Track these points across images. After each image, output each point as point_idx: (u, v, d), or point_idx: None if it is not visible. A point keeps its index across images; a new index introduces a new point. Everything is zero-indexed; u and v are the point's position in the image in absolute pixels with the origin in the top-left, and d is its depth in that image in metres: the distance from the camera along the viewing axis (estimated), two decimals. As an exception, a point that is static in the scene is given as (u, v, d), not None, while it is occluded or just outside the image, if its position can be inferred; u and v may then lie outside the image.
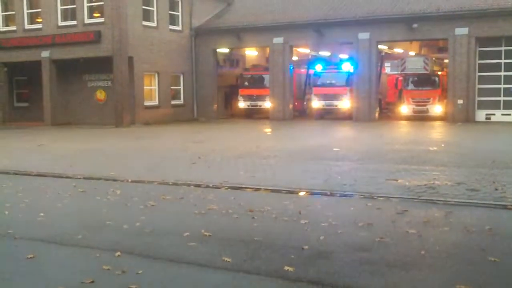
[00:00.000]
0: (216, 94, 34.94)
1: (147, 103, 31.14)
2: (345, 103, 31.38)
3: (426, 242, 6.79)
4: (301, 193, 10.28)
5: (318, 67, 32.82)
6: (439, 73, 31.14)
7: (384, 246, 6.66)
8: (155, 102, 32.02)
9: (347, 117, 30.84)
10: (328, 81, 32.13)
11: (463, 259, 6.20)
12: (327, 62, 34.49)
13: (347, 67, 31.77)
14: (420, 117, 29.60)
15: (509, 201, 8.98)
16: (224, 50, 35.73)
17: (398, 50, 36.75)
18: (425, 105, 30.00)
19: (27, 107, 34.57)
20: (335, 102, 31.63)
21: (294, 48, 33.49)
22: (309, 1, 33.04)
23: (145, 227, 7.72)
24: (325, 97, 31.80)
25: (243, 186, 10.99)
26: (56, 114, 31.50)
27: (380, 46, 31.56)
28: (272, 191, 10.52)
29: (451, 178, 11.33)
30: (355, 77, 30.45)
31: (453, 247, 6.70)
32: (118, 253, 6.51)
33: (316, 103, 32.35)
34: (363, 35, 29.71)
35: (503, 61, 27.75)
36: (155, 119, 30.66)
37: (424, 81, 30.53)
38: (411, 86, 30.72)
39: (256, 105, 33.85)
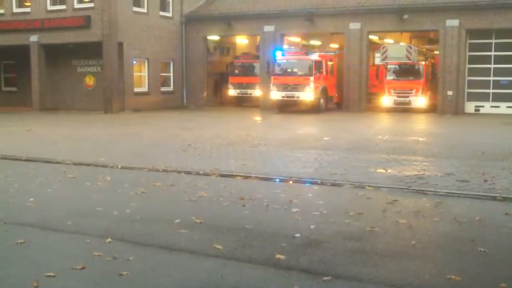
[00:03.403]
0: (206, 82, 34.79)
1: (136, 89, 30.97)
2: (308, 95, 27.80)
3: (417, 232, 6.82)
4: (292, 182, 10.29)
5: (278, 54, 29.08)
6: (423, 63, 29.43)
7: (375, 236, 6.69)
8: (145, 88, 31.86)
9: (315, 110, 27.92)
10: (289, 70, 28.83)
11: (453, 249, 6.23)
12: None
13: (312, 53, 29.38)
14: (403, 109, 28.23)
15: (498, 193, 9.02)
16: (214, 37, 35.60)
17: (388, 41, 36.72)
18: (407, 97, 28.37)
19: (15, 91, 34.31)
20: (296, 94, 28.15)
21: (285, 37, 33.36)
22: (301, -10, 32.88)
23: (136, 214, 7.69)
24: (285, 87, 28.24)
25: (234, 173, 10.98)
26: (45, 99, 31.29)
27: (371, 37, 31.51)
28: (263, 179, 10.52)
29: (441, 169, 11.37)
30: (345, 67, 30.32)
31: (443, 237, 6.74)
32: (109, 239, 6.49)
33: (275, 94, 28.75)
34: (354, 25, 29.65)
35: (493, 53, 27.83)
36: (144, 106, 30.48)
37: (407, 71, 28.66)
38: (392, 76, 28.94)
39: (246, 93, 33.78)
